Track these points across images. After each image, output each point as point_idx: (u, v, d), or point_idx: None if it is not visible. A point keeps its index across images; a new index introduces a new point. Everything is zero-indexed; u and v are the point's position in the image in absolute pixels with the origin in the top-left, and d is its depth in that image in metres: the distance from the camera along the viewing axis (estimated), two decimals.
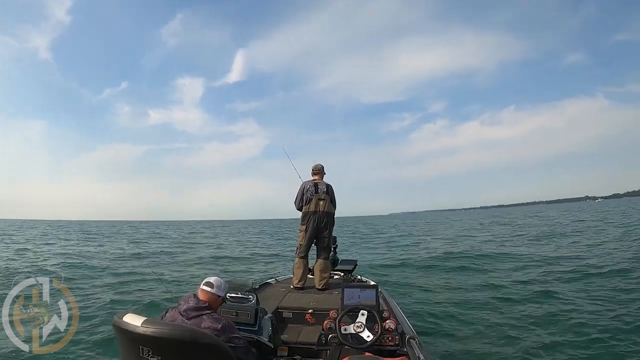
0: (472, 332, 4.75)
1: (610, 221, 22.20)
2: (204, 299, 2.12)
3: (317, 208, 4.30)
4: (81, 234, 28.96)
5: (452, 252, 11.80)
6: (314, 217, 4.31)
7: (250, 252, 15.09)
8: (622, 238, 13.01)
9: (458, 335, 4.67)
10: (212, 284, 2.17)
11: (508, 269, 8.84)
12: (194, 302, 2.05)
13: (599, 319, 4.77)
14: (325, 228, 4.35)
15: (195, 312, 2.02)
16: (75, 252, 13.91)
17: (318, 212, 4.30)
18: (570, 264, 8.63)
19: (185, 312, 2.01)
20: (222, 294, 2.23)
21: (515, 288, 6.84)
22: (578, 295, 6.01)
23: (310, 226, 4.31)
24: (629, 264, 7.92)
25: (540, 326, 4.79)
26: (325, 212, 4.33)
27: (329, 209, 4.36)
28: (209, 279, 2.20)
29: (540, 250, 11.59)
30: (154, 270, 7.94)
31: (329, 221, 4.37)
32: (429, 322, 5.18)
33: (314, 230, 4.32)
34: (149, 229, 43.11)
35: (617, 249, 10.27)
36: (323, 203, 4.32)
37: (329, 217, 4.37)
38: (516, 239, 15.65)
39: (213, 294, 2.16)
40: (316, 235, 4.35)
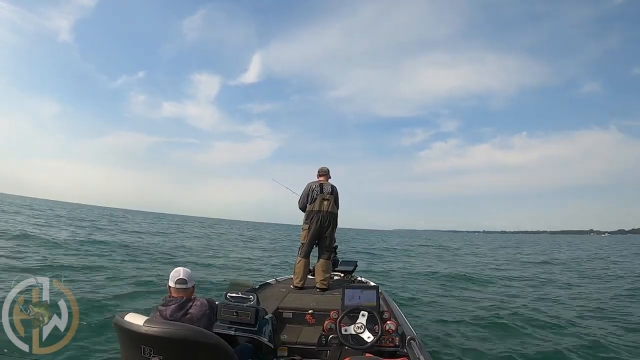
0: (473, 332, 4.75)
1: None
2: (181, 296, 2.15)
3: (321, 207, 4.34)
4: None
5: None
6: (317, 216, 4.34)
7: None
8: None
9: (458, 336, 4.67)
10: (185, 280, 2.17)
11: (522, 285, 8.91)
12: (175, 303, 2.07)
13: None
14: (328, 228, 4.39)
15: (179, 311, 2.06)
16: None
17: (322, 212, 4.34)
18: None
19: (172, 316, 2.04)
20: (193, 283, 2.24)
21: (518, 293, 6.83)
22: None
23: (314, 225, 4.33)
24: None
25: (543, 328, 4.81)
26: (329, 212, 4.37)
27: (332, 209, 4.39)
28: (179, 277, 2.17)
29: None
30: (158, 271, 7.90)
31: (332, 221, 4.40)
32: (429, 322, 5.19)
33: (317, 230, 4.34)
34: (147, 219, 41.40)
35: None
36: (327, 203, 4.36)
37: (332, 217, 4.40)
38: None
39: (187, 288, 2.18)
40: (319, 234, 4.38)
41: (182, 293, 2.16)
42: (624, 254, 23.98)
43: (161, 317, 2.05)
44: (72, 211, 43.66)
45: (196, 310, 2.08)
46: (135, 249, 12.32)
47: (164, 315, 2.05)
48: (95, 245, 12.13)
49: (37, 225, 17.30)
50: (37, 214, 27.04)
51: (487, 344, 4.44)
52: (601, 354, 4.18)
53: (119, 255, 10.54)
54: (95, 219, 30.13)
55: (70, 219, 25.80)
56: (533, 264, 16.25)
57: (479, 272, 12.16)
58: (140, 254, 11.41)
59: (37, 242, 11.08)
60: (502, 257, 20.35)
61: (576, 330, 5.09)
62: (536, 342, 4.54)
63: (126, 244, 13.36)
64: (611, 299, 7.67)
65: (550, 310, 6.21)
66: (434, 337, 4.61)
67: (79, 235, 15.00)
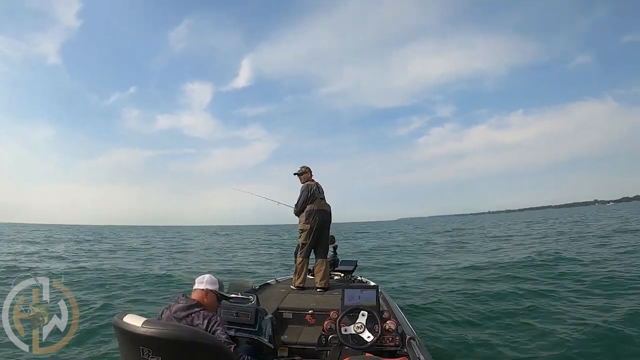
0: (473, 333, 4.74)
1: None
2: (194, 298, 2.17)
3: (320, 207, 4.39)
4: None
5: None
6: (319, 216, 4.37)
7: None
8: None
9: (459, 336, 4.66)
10: (201, 281, 2.22)
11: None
12: (183, 302, 2.09)
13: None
14: (327, 226, 4.47)
15: (184, 311, 2.05)
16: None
17: (322, 211, 4.39)
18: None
19: (175, 313, 2.05)
20: (212, 287, 2.22)
21: (520, 290, 6.79)
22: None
23: (316, 224, 4.36)
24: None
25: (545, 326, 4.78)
26: (328, 212, 4.46)
27: (329, 208, 4.49)
28: (198, 278, 2.24)
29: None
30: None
31: (329, 220, 4.49)
32: (429, 322, 5.18)
33: (318, 229, 4.37)
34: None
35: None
36: (323, 202, 4.45)
37: (329, 216, 4.49)
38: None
39: (201, 291, 2.20)
40: (320, 233, 4.40)
41: (196, 295, 2.20)
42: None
43: (168, 312, 2.09)
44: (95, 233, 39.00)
45: (196, 322, 2.04)
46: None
47: (171, 309, 2.09)
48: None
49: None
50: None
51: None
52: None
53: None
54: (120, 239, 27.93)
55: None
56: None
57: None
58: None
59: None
60: (568, 232, 18.32)
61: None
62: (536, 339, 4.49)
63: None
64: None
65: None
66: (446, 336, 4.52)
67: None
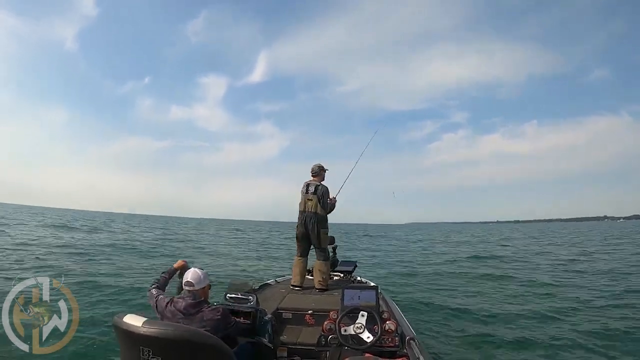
0: (473, 333, 4.75)
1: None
2: (200, 294, 2.22)
3: (305, 207, 4.37)
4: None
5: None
6: (302, 216, 4.39)
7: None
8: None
9: (458, 336, 4.67)
10: (192, 282, 2.20)
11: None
12: (191, 299, 2.15)
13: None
14: (313, 228, 4.32)
15: (194, 308, 2.12)
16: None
17: (306, 212, 4.36)
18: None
19: (185, 309, 2.11)
20: (206, 282, 2.29)
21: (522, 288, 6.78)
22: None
23: (299, 225, 4.40)
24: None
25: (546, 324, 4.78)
26: (312, 212, 4.34)
27: (315, 209, 4.33)
28: (187, 279, 2.21)
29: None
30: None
31: (316, 221, 4.33)
32: (428, 323, 5.18)
33: (301, 229, 4.38)
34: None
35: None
36: (310, 203, 4.34)
37: (316, 218, 4.33)
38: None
39: (202, 288, 2.24)
40: (305, 234, 4.39)
41: (200, 291, 2.23)
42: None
43: (173, 307, 2.12)
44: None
45: (207, 316, 2.12)
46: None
47: (178, 306, 2.12)
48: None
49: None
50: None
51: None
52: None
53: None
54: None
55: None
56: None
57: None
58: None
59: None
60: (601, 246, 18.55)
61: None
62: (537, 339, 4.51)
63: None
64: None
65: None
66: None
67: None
